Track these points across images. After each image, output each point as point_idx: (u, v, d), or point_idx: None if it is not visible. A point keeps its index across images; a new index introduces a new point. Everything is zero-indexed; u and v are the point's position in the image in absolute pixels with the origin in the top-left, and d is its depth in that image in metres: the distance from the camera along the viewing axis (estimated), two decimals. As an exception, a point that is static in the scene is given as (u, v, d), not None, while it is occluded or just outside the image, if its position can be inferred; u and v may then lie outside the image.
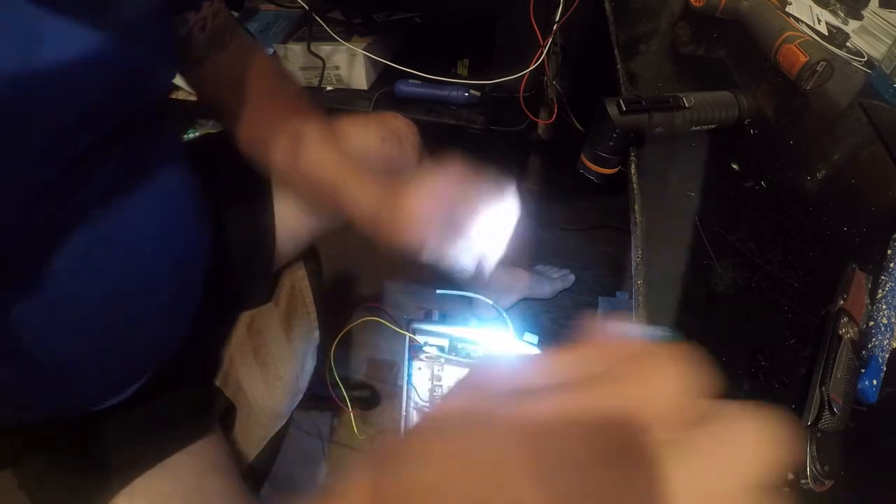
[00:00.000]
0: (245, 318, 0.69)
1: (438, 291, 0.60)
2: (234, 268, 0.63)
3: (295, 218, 0.65)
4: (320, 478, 0.78)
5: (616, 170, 0.52)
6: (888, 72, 0.65)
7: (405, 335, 0.61)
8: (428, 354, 0.73)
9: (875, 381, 0.39)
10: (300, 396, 0.67)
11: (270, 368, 0.67)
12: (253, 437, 0.64)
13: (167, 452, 0.55)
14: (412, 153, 0.73)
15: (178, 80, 0.61)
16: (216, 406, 0.63)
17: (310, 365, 0.68)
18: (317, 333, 0.69)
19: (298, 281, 0.71)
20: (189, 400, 0.61)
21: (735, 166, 0.52)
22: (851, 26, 0.78)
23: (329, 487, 0.19)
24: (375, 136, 0.68)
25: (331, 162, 0.58)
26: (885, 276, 0.45)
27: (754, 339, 0.41)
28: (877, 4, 0.80)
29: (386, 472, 0.17)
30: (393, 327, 0.67)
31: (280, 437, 0.67)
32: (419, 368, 0.74)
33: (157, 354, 0.56)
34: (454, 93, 1.18)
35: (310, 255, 0.73)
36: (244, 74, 0.60)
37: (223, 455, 0.59)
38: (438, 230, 0.53)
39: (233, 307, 0.68)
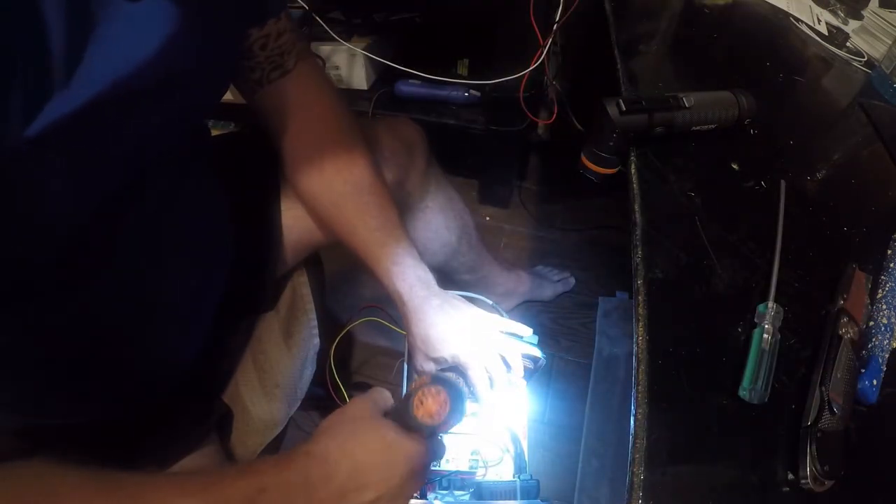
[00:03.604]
0: (244, 322, 0.69)
1: (441, 290, 0.61)
2: (243, 279, 0.63)
3: (301, 228, 0.65)
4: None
5: (616, 170, 0.52)
6: (888, 72, 0.65)
7: (405, 334, 0.61)
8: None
9: (875, 381, 0.39)
10: (297, 404, 0.66)
11: (269, 375, 0.66)
12: (249, 444, 0.64)
13: (167, 463, 0.55)
14: (420, 161, 0.74)
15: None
16: (214, 411, 0.63)
17: (308, 372, 0.68)
18: (316, 340, 0.68)
19: (300, 287, 0.70)
20: (190, 409, 0.61)
21: (735, 166, 0.52)
22: (851, 26, 0.78)
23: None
24: (384, 148, 0.68)
25: (383, 233, 0.59)
26: (885, 276, 0.45)
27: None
28: (877, 4, 0.80)
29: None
30: (393, 327, 0.66)
31: (277, 443, 0.66)
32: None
33: (171, 368, 0.56)
34: (454, 93, 1.17)
35: (311, 259, 0.73)
36: (302, 106, 0.58)
37: (218, 465, 0.59)
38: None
39: (238, 317, 0.68)
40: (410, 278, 0.57)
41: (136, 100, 0.37)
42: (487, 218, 1.39)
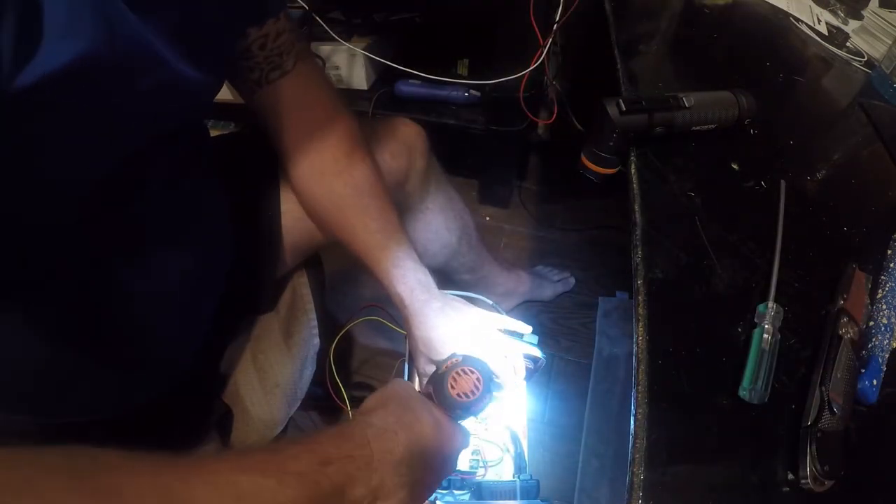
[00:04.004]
0: (244, 322, 0.69)
1: (441, 291, 0.61)
2: (243, 279, 0.63)
3: (301, 229, 0.65)
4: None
5: (616, 170, 0.52)
6: (888, 72, 0.65)
7: (405, 334, 0.61)
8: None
9: (875, 381, 0.39)
10: (297, 404, 0.66)
11: (269, 375, 0.66)
12: (249, 444, 0.64)
13: None
14: (420, 162, 0.73)
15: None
16: (214, 411, 0.63)
17: (308, 372, 0.68)
18: (316, 340, 0.68)
19: (300, 287, 0.70)
20: (190, 409, 0.61)
21: (735, 166, 0.52)
22: (851, 26, 0.78)
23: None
24: (384, 150, 0.68)
25: (384, 235, 0.59)
26: (885, 276, 0.45)
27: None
28: (877, 4, 0.80)
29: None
30: (393, 326, 0.66)
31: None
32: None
33: (169, 366, 0.56)
34: (454, 93, 1.17)
35: (311, 259, 0.73)
36: (301, 108, 0.58)
37: None
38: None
39: (238, 317, 0.68)
40: (411, 281, 0.57)
41: (129, 62, 0.36)
42: (487, 218, 1.39)
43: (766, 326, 0.39)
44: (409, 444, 0.39)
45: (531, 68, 0.96)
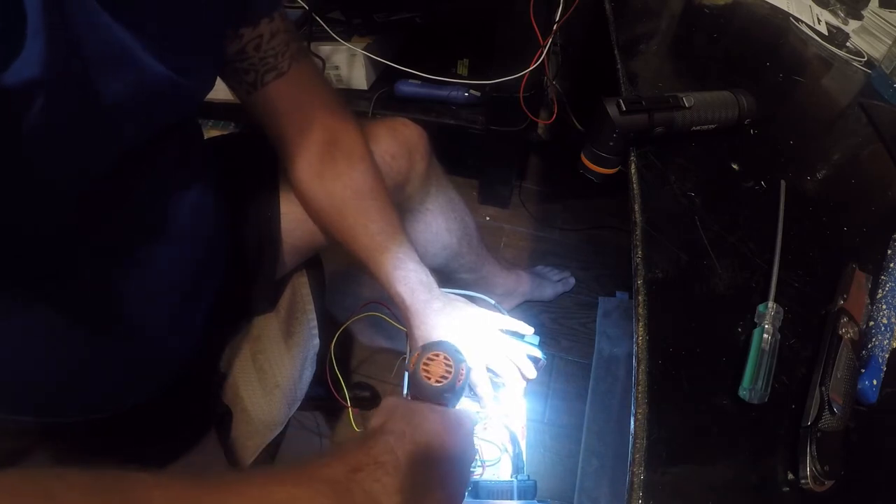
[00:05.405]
0: (244, 322, 0.69)
1: (442, 291, 0.61)
2: (242, 277, 0.63)
3: (301, 231, 0.65)
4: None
5: (616, 170, 0.52)
6: (888, 72, 0.65)
7: (405, 331, 0.61)
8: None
9: (875, 381, 0.39)
10: (297, 404, 0.66)
11: (268, 375, 0.66)
12: (248, 444, 0.63)
13: (166, 463, 0.55)
14: (421, 163, 0.73)
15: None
16: (213, 411, 0.63)
17: (308, 372, 0.67)
18: (316, 341, 0.68)
19: (300, 287, 0.70)
20: (188, 406, 0.61)
21: (735, 166, 0.52)
22: (851, 26, 0.78)
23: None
24: (385, 152, 0.68)
25: (384, 237, 0.59)
26: (885, 276, 0.45)
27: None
28: (877, 4, 0.80)
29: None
30: (394, 323, 0.66)
31: (277, 444, 0.66)
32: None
33: (167, 365, 0.56)
34: (454, 93, 1.17)
35: (311, 259, 0.73)
36: (298, 110, 0.57)
37: (218, 465, 0.59)
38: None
39: (238, 317, 0.68)
40: (412, 282, 0.57)
41: (103, 65, 0.36)
42: (487, 218, 1.39)
43: (766, 326, 0.39)
44: (427, 442, 0.40)
45: (531, 68, 0.96)
